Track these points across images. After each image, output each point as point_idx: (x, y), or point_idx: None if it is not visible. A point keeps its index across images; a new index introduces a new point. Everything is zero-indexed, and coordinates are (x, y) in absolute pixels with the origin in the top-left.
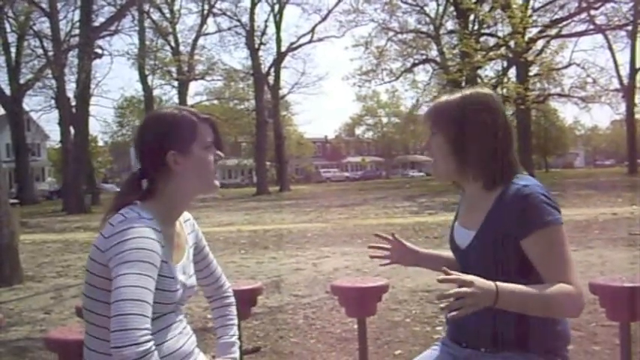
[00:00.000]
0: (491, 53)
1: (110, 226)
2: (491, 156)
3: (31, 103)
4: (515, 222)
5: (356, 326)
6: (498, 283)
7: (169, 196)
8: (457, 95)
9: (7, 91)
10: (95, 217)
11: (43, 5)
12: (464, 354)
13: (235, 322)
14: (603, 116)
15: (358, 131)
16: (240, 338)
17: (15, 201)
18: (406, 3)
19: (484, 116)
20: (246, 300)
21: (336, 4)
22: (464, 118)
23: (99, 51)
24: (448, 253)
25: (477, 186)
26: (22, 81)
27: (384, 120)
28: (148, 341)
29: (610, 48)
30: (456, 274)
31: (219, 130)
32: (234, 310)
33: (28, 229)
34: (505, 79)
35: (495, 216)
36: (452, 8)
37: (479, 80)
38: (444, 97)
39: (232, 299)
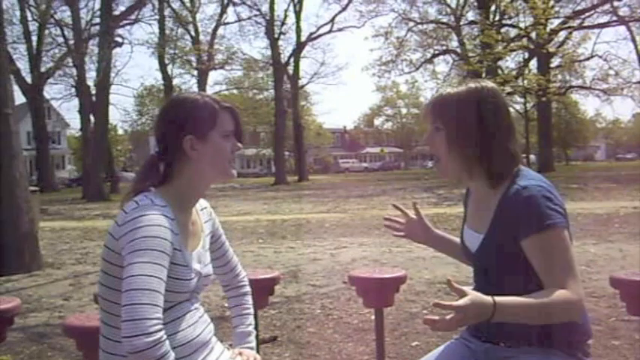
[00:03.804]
0: (512, 44)
1: (123, 214)
2: (497, 151)
3: (51, 91)
4: (515, 225)
5: (373, 317)
6: (498, 298)
7: (184, 181)
8: (462, 89)
9: (28, 79)
10: (114, 205)
11: None
12: (482, 348)
13: (251, 311)
14: (625, 109)
15: (377, 122)
16: (257, 327)
17: (35, 188)
18: None
19: (492, 112)
20: (264, 289)
21: None
22: (471, 113)
23: (119, 40)
24: None
25: (482, 184)
26: (42, 69)
27: (404, 111)
28: (159, 331)
29: (633, 40)
30: (449, 303)
31: (240, 121)
32: (250, 299)
33: (48, 217)
34: (526, 71)
35: (500, 219)
36: None
37: (499, 71)
38: (448, 90)
39: (248, 289)
